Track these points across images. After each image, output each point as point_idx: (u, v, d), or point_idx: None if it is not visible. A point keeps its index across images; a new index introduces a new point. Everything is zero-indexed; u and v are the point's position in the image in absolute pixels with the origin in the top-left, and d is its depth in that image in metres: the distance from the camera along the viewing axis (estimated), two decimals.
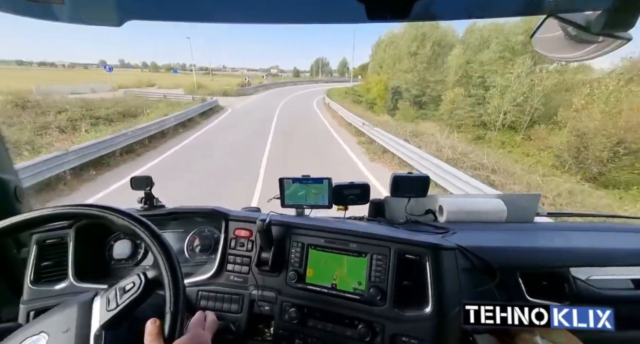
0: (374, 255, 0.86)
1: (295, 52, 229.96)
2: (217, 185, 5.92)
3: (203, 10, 0.62)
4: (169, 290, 0.55)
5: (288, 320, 0.87)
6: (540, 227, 1.25)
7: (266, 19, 0.68)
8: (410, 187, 1.21)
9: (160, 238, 0.61)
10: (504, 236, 1.14)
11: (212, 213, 1.04)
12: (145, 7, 0.63)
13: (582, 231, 1.22)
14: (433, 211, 1.32)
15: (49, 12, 0.59)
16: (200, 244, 1.09)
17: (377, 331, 0.80)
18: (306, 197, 1.10)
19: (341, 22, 0.65)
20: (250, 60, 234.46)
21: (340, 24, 0.65)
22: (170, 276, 0.56)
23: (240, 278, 0.96)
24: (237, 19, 0.67)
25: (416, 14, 0.53)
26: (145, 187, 1.11)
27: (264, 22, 0.69)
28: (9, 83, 19.86)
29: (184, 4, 0.59)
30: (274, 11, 0.63)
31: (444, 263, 0.82)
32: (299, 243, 0.93)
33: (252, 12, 0.63)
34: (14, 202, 0.96)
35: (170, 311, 0.55)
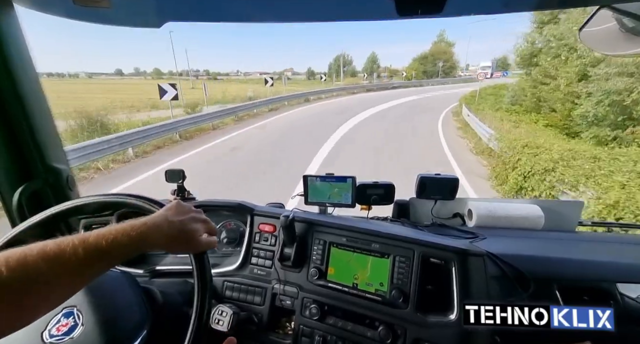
0: (397, 257, 0.84)
1: (308, 52, 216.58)
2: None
3: (238, 11, 0.64)
4: (197, 279, 0.58)
5: (309, 316, 0.88)
6: (583, 237, 1.15)
7: (299, 18, 0.69)
8: (438, 189, 1.17)
9: None
10: (540, 244, 1.07)
11: (238, 207, 1.08)
12: (183, 9, 0.66)
13: (633, 244, 1.10)
14: (461, 214, 1.27)
15: (98, 15, 0.65)
16: (227, 237, 1.13)
17: (399, 334, 0.79)
18: (329, 195, 1.10)
19: (371, 19, 0.64)
20: (260, 64, 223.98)
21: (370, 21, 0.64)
22: (198, 267, 0.59)
23: (263, 271, 0.99)
24: (271, 19, 0.69)
25: (450, 9, 0.51)
26: (178, 180, 1.18)
27: (297, 20, 0.70)
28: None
29: (219, 4, 0.61)
30: (306, 10, 0.63)
31: (471, 269, 0.79)
32: (321, 241, 0.94)
33: (286, 11, 0.64)
34: (66, 190, 1.06)
35: (199, 298, 0.58)
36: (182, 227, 0.55)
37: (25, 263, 0.38)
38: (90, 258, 0.43)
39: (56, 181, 1.02)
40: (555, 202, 1.22)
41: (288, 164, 6.92)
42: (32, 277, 0.39)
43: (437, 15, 0.56)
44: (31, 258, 0.39)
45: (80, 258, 0.42)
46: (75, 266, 0.42)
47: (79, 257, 0.42)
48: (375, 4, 0.55)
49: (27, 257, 0.39)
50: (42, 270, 0.39)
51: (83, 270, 0.44)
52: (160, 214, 0.55)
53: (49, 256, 0.40)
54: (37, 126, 0.95)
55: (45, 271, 0.39)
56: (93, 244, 0.44)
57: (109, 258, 0.46)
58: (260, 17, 0.66)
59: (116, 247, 0.46)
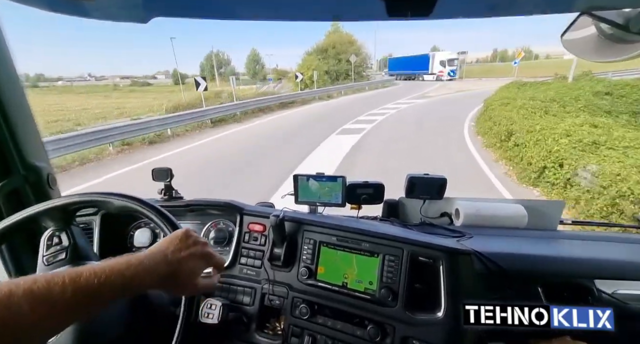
0: (386, 256, 0.85)
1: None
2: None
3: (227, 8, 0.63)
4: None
5: (298, 315, 0.88)
6: (564, 235, 1.20)
7: (288, 17, 0.69)
8: (426, 188, 1.19)
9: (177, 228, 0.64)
10: (523, 242, 1.10)
11: (227, 207, 1.07)
12: (171, 4, 0.65)
13: (611, 242, 1.15)
14: (449, 214, 1.29)
15: (81, 9, 0.63)
16: (216, 236, 1.12)
17: (387, 333, 0.80)
18: (320, 194, 1.11)
19: (360, 20, 0.64)
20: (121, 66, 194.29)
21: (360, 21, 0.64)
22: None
23: (252, 271, 0.98)
24: (259, 16, 0.68)
25: (438, 11, 0.52)
26: (166, 179, 1.15)
27: (286, 19, 0.69)
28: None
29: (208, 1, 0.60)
30: (296, 8, 0.63)
31: (458, 267, 0.80)
32: (311, 240, 0.94)
33: (275, 9, 0.63)
34: (46, 188, 1.02)
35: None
36: (179, 267, 0.51)
37: (9, 303, 0.36)
38: (79, 299, 0.40)
39: (36, 179, 0.99)
40: (538, 202, 1.26)
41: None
42: (15, 319, 0.36)
43: (426, 18, 0.56)
44: (16, 297, 0.36)
45: (69, 298, 0.39)
46: (62, 308, 0.39)
47: (67, 297, 0.39)
48: (366, 4, 0.56)
49: (11, 296, 0.36)
50: (25, 312, 0.36)
51: (70, 313, 0.41)
52: (160, 251, 0.51)
53: (35, 296, 0.37)
54: (16, 122, 0.92)
55: (28, 313, 0.36)
56: (84, 283, 0.41)
57: (99, 299, 0.43)
58: (249, 14, 0.65)
59: (108, 289, 0.43)
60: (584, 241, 1.16)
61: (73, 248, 0.68)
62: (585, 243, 1.14)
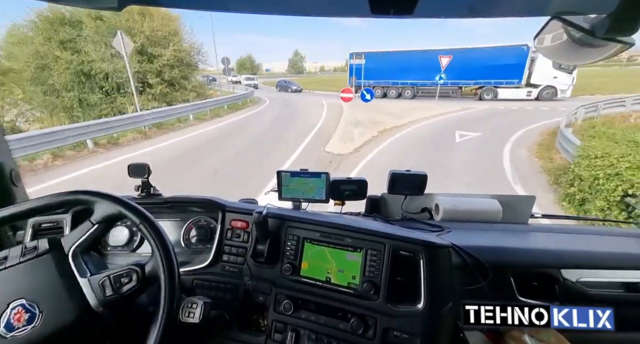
0: (368, 250, 0.86)
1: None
2: None
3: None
4: (164, 277, 0.56)
5: (282, 311, 0.88)
6: (534, 228, 1.27)
7: (270, 10, 0.67)
8: (407, 184, 1.22)
9: (155, 226, 0.62)
10: (498, 236, 1.16)
11: (209, 204, 1.04)
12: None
13: (575, 234, 1.24)
14: (429, 209, 1.33)
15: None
16: (197, 234, 1.09)
17: (370, 325, 0.81)
18: (303, 191, 1.10)
19: (345, 16, 0.64)
20: None
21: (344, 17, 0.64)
22: (165, 263, 0.57)
23: (235, 268, 0.97)
24: (239, 9, 0.66)
25: (420, 11, 0.53)
26: (143, 175, 1.10)
27: (268, 12, 0.68)
28: None
29: None
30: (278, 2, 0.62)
31: (437, 260, 0.83)
32: (294, 236, 0.94)
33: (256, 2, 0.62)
34: (9, 186, 0.95)
35: (166, 298, 0.56)
36: None
37: None
38: None
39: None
40: (511, 197, 1.33)
41: None
42: None
43: (408, 16, 0.57)
44: None
45: None
46: None
47: None
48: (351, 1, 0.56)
49: None
50: None
51: None
52: None
53: None
54: None
55: None
56: None
57: None
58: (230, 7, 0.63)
59: None
60: (552, 234, 1.23)
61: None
62: (553, 235, 1.22)
